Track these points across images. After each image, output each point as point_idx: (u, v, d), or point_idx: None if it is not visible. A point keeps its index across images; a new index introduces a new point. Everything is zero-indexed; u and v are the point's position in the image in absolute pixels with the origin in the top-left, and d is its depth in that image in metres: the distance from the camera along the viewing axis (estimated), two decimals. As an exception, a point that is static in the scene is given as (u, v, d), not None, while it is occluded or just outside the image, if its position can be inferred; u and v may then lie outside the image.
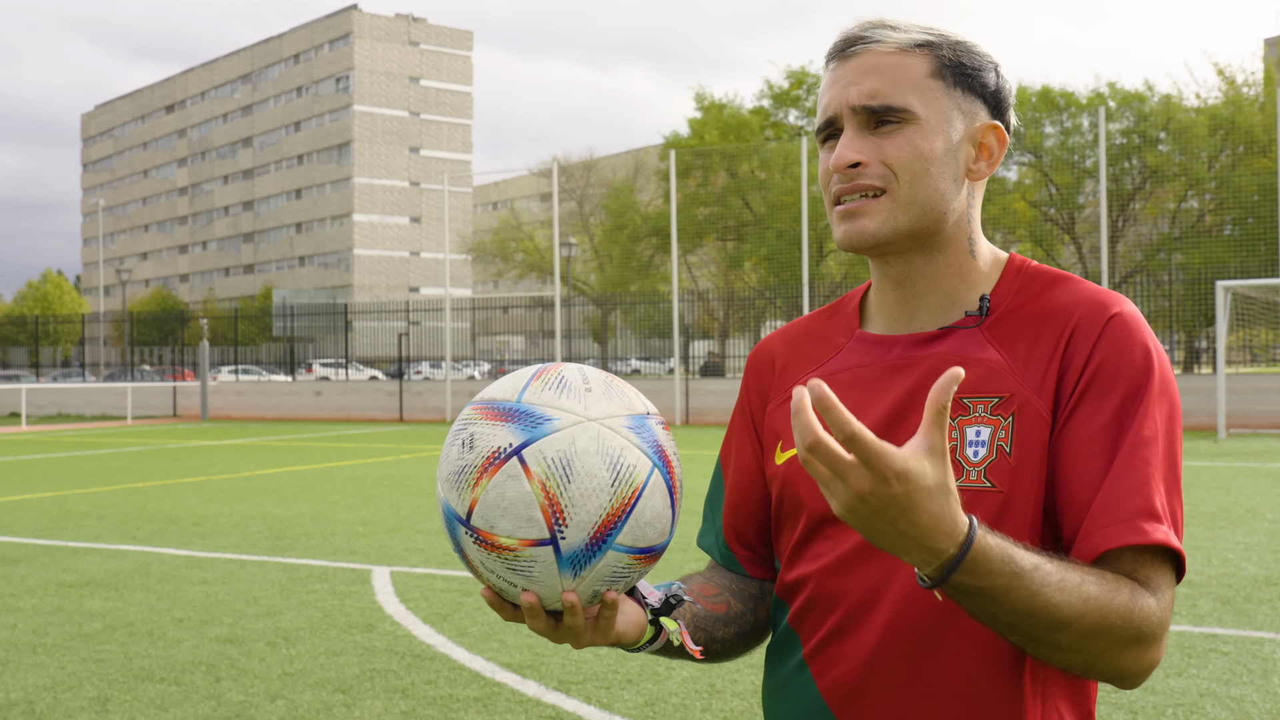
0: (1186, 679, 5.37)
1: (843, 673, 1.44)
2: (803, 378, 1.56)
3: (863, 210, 1.43)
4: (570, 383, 1.35)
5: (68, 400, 38.33)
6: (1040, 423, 1.38)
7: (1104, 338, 1.38)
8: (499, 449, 1.29)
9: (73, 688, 5.56)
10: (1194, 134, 30.96)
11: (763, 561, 1.64)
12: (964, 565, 1.19)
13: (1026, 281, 1.48)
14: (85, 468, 17.80)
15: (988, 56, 1.47)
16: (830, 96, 1.45)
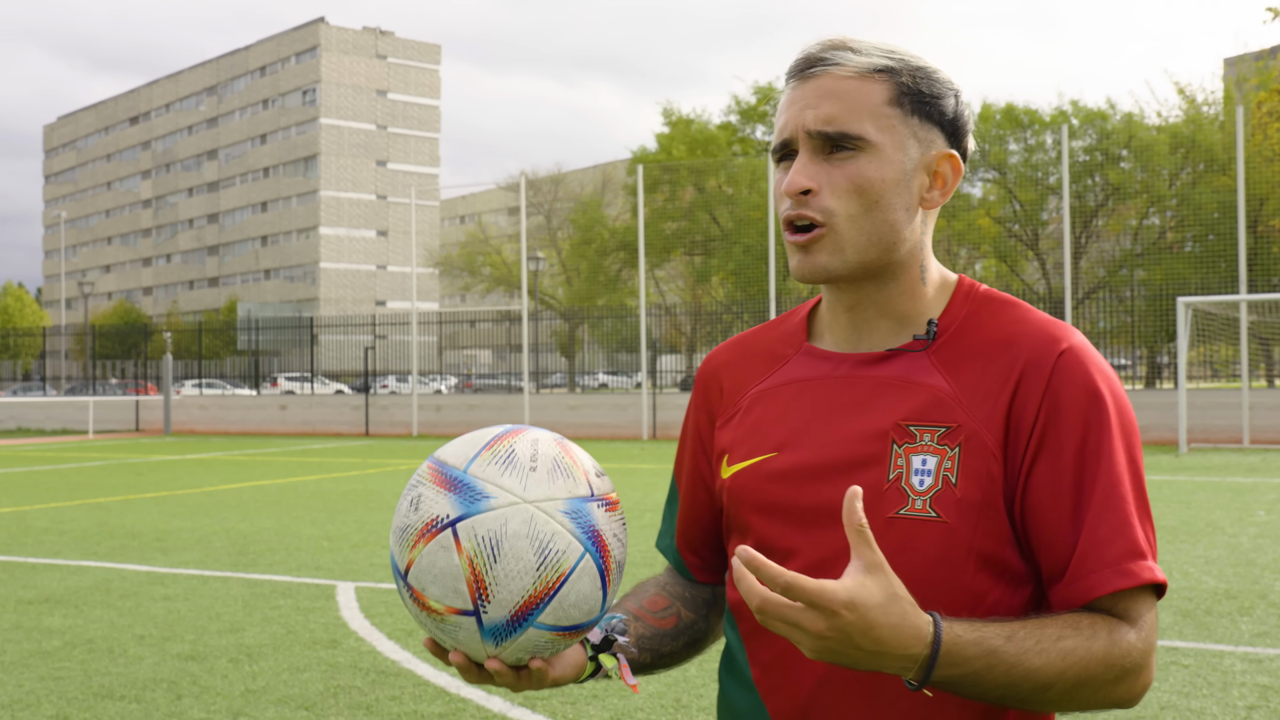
0: (1148, 692, 5.41)
1: (792, 693, 1.45)
2: (749, 390, 1.57)
3: (809, 245, 1.43)
4: (518, 459, 1.38)
5: (28, 414, 37.89)
6: (988, 456, 1.38)
7: (1056, 375, 1.38)
8: (437, 518, 1.35)
9: (31, 706, 5.49)
10: (1155, 152, 31.34)
11: (712, 569, 1.66)
12: (940, 661, 1.22)
13: (975, 306, 1.48)
14: (45, 482, 17.59)
15: (948, 83, 1.46)
16: (787, 117, 1.45)
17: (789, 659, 1.43)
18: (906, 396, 1.43)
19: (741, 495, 1.51)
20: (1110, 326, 32.20)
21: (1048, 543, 1.36)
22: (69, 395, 42.92)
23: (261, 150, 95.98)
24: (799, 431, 1.48)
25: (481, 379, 47.71)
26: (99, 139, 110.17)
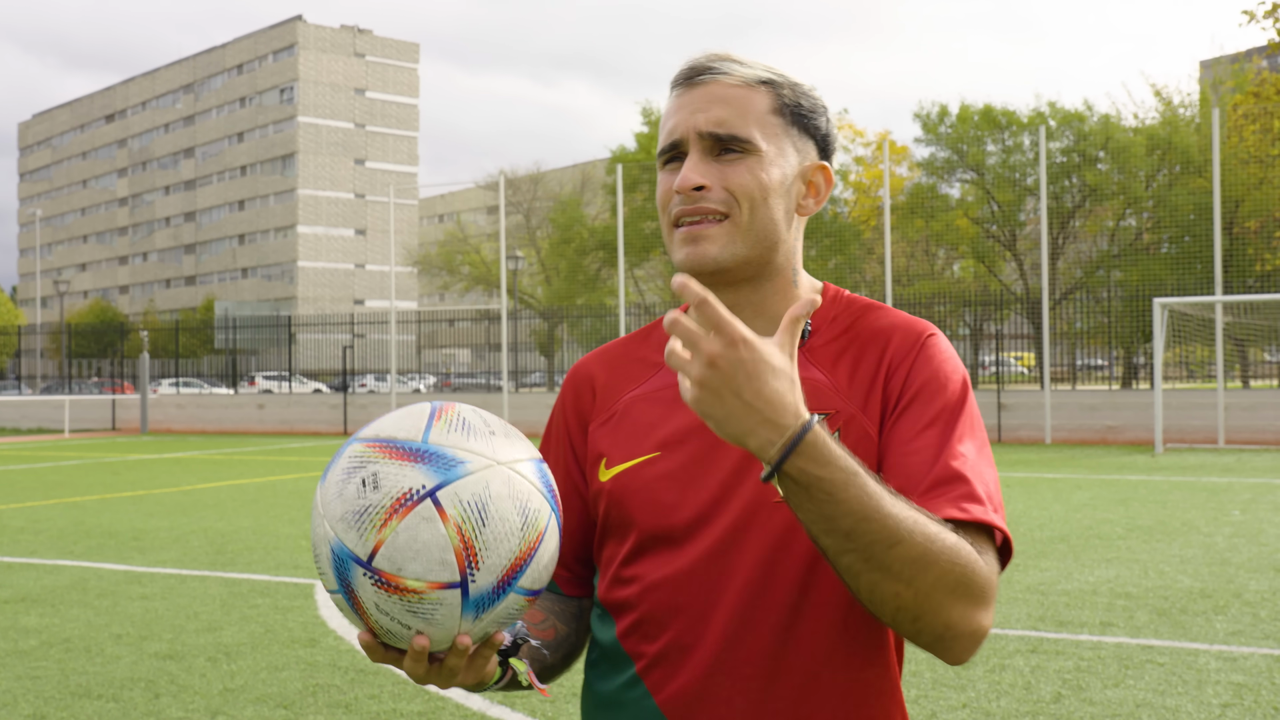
0: (1123, 690, 5.46)
1: (682, 685, 1.47)
2: (623, 396, 1.61)
3: (705, 234, 1.48)
4: (474, 425, 1.35)
5: (3, 413, 37.61)
6: (867, 438, 1.46)
7: (920, 359, 1.48)
8: (410, 490, 1.28)
9: (7, 705, 5.46)
10: (1132, 153, 31.54)
11: (580, 581, 1.67)
12: (803, 447, 1.20)
13: (843, 309, 1.58)
14: (21, 481, 17.47)
15: (821, 101, 1.55)
16: (676, 120, 1.51)
17: (675, 652, 1.48)
18: None
19: (624, 496, 1.54)
20: (1087, 327, 32.39)
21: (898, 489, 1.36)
22: (45, 394, 42.62)
23: (239, 148, 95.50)
24: (681, 432, 1.52)
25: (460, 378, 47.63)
26: (75, 136, 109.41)
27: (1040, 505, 12.59)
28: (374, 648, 1.34)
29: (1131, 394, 25.32)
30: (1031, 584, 7.99)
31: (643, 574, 1.52)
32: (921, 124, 36.35)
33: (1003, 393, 25.36)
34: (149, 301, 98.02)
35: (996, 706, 5.23)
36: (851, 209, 39.30)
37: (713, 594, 1.47)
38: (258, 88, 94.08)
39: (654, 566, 1.51)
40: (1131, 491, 13.97)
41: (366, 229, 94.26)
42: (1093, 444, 23.22)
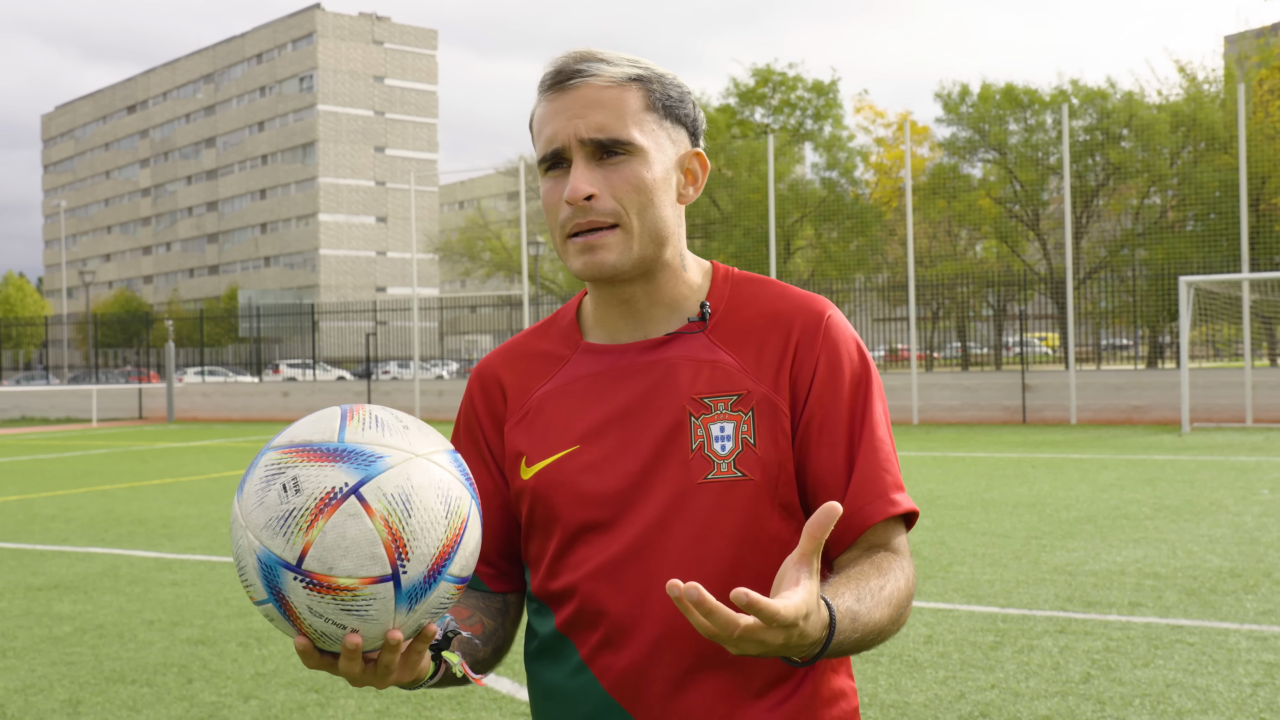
0: (1153, 670, 5.45)
1: (626, 667, 1.52)
2: (534, 392, 1.63)
3: (600, 243, 1.51)
4: (386, 422, 1.36)
5: (31, 403, 37.93)
6: (779, 415, 1.52)
7: (824, 340, 1.55)
8: (334, 489, 1.29)
9: (44, 690, 5.53)
10: (1156, 131, 31.26)
11: (505, 576, 1.68)
12: (833, 641, 1.33)
13: (735, 287, 1.62)
14: (51, 470, 17.63)
15: (686, 88, 1.58)
16: (555, 128, 1.52)
17: (617, 636, 1.52)
18: (695, 372, 1.55)
19: (549, 491, 1.56)
20: (1112, 306, 32.18)
21: (826, 486, 1.52)
22: (72, 384, 42.95)
23: (259, 137, 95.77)
24: (598, 422, 1.56)
25: (483, 364, 47.59)
26: (97, 128, 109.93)
27: (1066, 486, 12.55)
28: (309, 653, 1.33)
29: (1157, 373, 25.16)
30: (1059, 565, 7.97)
31: (577, 564, 1.55)
32: (943, 104, 36.13)
33: (1027, 373, 25.25)
34: (173, 291, 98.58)
35: (1025, 687, 5.22)
36: (873, 190, 39.14)
37: (647, 575, 1.50)
38: (277, 76, 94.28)
39: (588, 556, 1.54)
40: (1158, 471, 13.91)
41: (387, 216, 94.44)
42: (1118, 424, 23.10)
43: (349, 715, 5.07)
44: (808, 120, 40.73)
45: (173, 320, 41.93)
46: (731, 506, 1.49)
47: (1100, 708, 4.92)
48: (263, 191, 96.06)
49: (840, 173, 38.51)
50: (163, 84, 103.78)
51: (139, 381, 39.67)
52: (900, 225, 34.95)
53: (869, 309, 34.31)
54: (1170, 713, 4.84)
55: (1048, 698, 5.07)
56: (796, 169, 41.19)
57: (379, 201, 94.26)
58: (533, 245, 38.32)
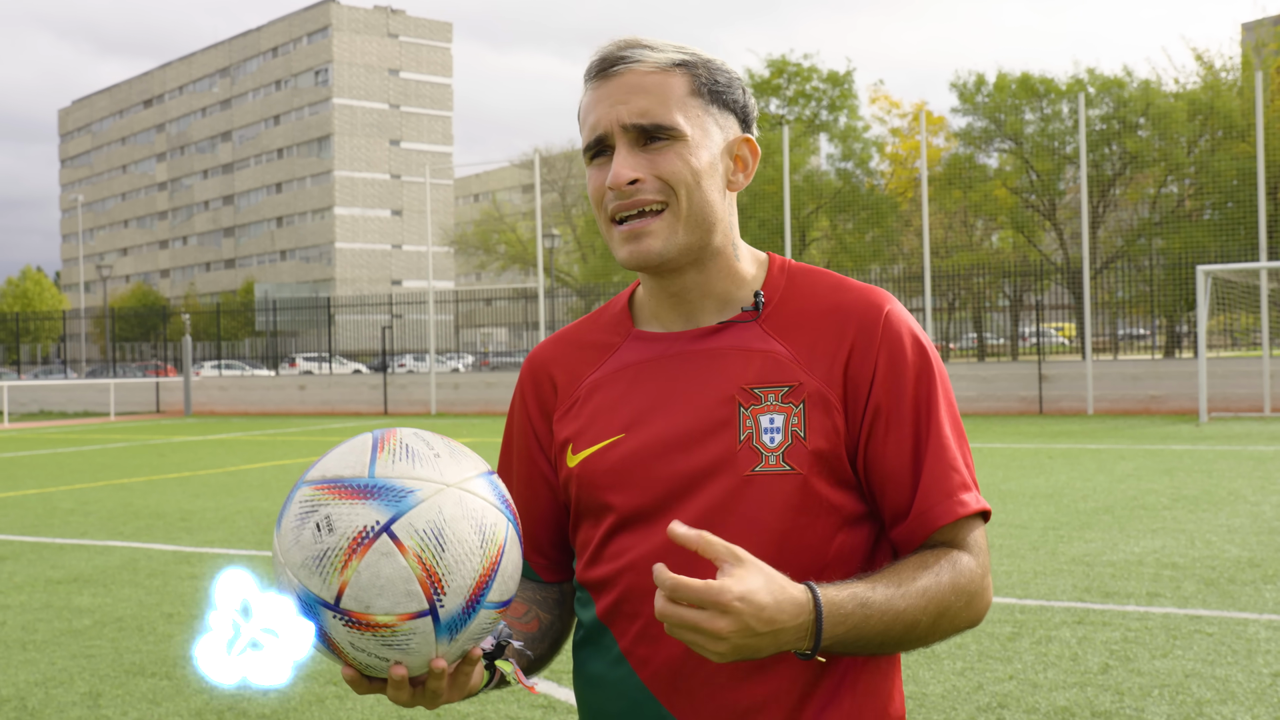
0: (1172, 660, 5.43)
1: (665, 661, 1.50)
2: (584, 380, 1.62)
3: (646, 230, 1.49)
4: (417, 451, 1.35)
5: (50, 397, 38.13)
6: (831, 410, 1.49)
7: (885, 336, 1.50)
8: (365, 528, 1.29)
9: (64, 683, 5.57)
10: (1173, 119, 31.08)
11: (558, 566, 1.68)
12: (825, 622, 1.33)
13: (792, 278, 1.59)
14: (70, 464, 17.73)
15: (735, 74, 1.56)
16: (598, 115, 1.51)
17: (656, 630, 1.49)
18: (746, 362, 1.52)
19: (593, 479, 1.55)
20: (1129, 296, 32.04)
21: (893, 486, 1.49)
22: (90, 378, 43.16)
23: (275, 131, 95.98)
24: (644, 411, 1.54)
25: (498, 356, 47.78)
26: (113, 122, 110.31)
27: (1084, 476, 12.50)
28: (357, 681, 1.35)
29: (1175, 363, 25.05)
30: (1077, 555, 7.94)
31: (619, 553, 1.53)
32: (958, 94, 35.99)
33: (1044, 364, 25.16)
34: (189, 285, 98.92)
35: (1043, 678, 5.21)
36: (888, 181, 39.02)
37: (688, 568, 1.45)
38: (293, 70, 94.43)
39: (629, 545, 1.52)
40: (1176, 461, 13.85)
41: (403, 209, 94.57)
42: (1136, 414, 23.01)
43: (368, 708, 5.09)
44: (823, 111, 40.61)
45: (189, 314, 42.10)
46: (778, 500, 1.47)
47: (1119, 698, 4.91)
48: (278, 185, 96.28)
49: (855, 163, 38.41)
50: (179, 78, 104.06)
51: (156, 375, 39.84)
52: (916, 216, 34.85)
53: (885, 300, 34.18)
54: (1189, 703, 4.82)
55: (1066, 688, 5.06)
56: (811, 160, 41.07)
57: (394, 195, 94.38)
58: (548, 238, 38.32)
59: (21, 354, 50.38)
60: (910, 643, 1.43)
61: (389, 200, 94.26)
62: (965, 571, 1.45)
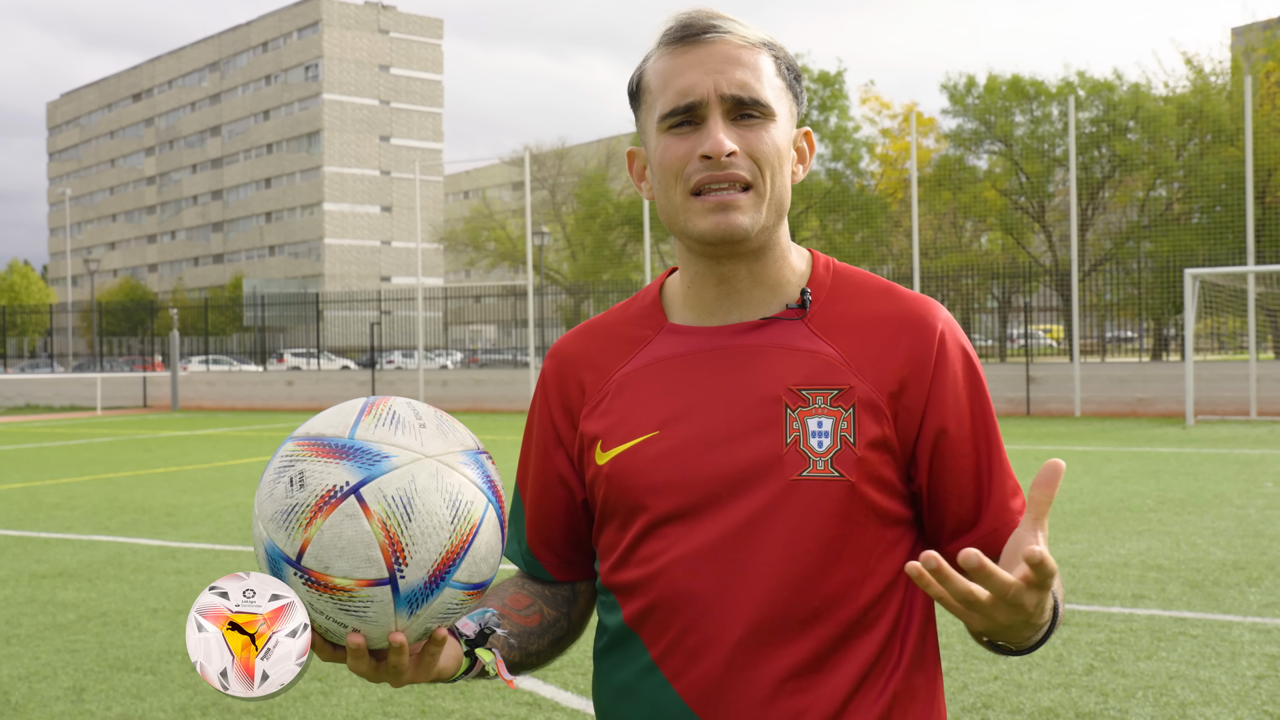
0: (1156, 662, 5.45)
1: (704, 672, 1.43)
2: (612, 375, 1.54)
3: (736, 204, 1.42)
4: (403, 418, 1.32)
5: (36, 391, 37.99)
6: (882, 417, 1.44)
7: (940, 354, 1.47)
8: (334, 487, 1.27)
9: (47, 678, 5.54)
10: (1162, 123, 31.17)
11: (571, 566, 1.62)
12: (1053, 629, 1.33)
13: (838, 277, 1.53)
14: (55, 459, 17.67)
15: (798, 67, 1.53)
16: (691, 80, 1.43)
17: (693, 637, 1.43)
18: (793, 362, 1.46)
19: (626, 478, 1.48)
20: (1117, 299, 32.13)
21: (955, 502, 1.47)
22: (77, 372, 43.01)
23: (265, 126, 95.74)
24: (681, 408, 1.47)
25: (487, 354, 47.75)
26: (102, 116, 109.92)
27: (1070, 478, 12.54)
28: (321, 646, 1.32)
29: (1162, 366, 25.13)
30: (1062, 557, 7.96)
31: (651, 556, 1.46)
32: (948, 95, 36.05)
33: (1031, 365, 25.22)
34: (178, 279, 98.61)
35: (1028, 679, 5.22)
36: (878, 182, 39.07)
37: (730, 575, 1.42)
38: (283, 65, 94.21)
39: (663, 548, 1.45)
40: (1163, 464, 13.89)
41: (392, 206, 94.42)
42: (1123, 416, 23.08)
43: (353, 704, 5.08)
44: (813, 111, 40.65)
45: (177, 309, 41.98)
46: (825, 507, 1.41)
47: (1103, 699, 4.92)
48: (268, 180, 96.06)
49: (846, 164, 38.45)
50: (168, 72, 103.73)
51: (144, 370, 39.71)
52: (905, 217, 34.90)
53: (873, 300, 34.25)
54: (1173, 705, 4.84)
55: (1050, 689, 5.07)
56: (802, 160, 41.10)
57: (384, 191, 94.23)
58: (538, 235, 38.29)
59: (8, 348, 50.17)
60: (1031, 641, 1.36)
61: (378, 196, 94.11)
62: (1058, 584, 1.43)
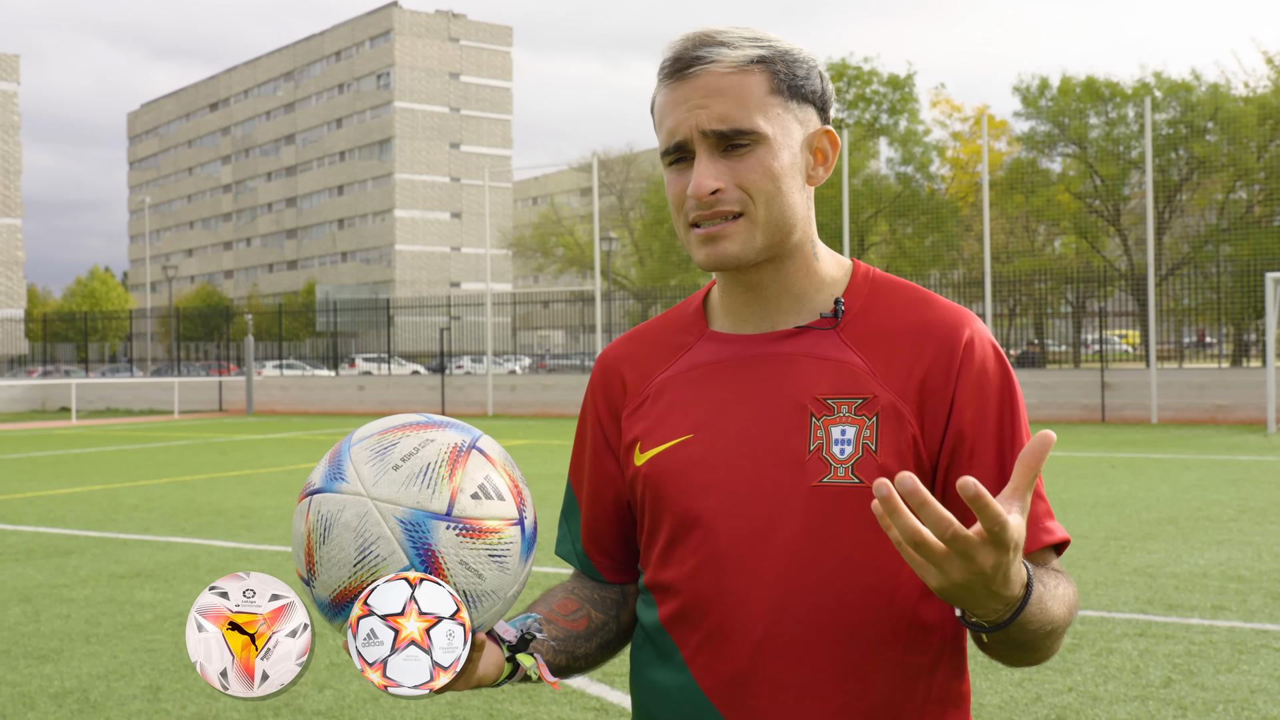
0: (1237, 675, 5.32)
1: (728, 672, 1.46)
2: (654, 379, 1.59)
3: (723, 234, 1.46)
4: (391, 454, 1.34)
5: (116, 395, 38.83)
6: (905, 425, 1.45)
7: (965, 356, 1.47)
8: (310, 483, 1.37)
9: (125, 676, 5.65)
10: (1242, 123, 30.53)
11: (622, 567, 1.65)
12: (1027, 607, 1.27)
13: (876, 288, 1.54)
14: (134, 461, 18.04)
15: (812, 62, 1.50)
16: (676, 119, 1.46)
17: (718, 638, 1.46)
18: (821, 371, 1.48)
19: (660, 479, 1.52)
20: (1195, 304, 31.50)
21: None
22: (155, 376, 43.90)
23: (337, 134, 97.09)
24: (714, 412, 1.51)
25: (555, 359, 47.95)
26: (180, 125, 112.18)
27: (1147, 486, 12.30)
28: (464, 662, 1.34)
29: (1242, 372, 24.57)
30: (1139, 566, 7.81)
31: (683, 558, 1.50)
32: (1021, 97, 35.60)
33: (1107, 371, 24.80)
34: (252, 285, 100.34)
35: (1104, 690, 5.12)
36: (949, 185, 38.68)
37: (750, 576, 1.45)
38: (355, 74, 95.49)
39: (693, 550, 1.49)
40: (1243, 472, 13.58)
41: (462, 212, 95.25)
42: (1201, 424, 22.60)
43: (420, 707, 5.11)
44: (883, 115, 40.36)
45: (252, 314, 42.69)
46: (844, 513, 1.43)
47: (1181, 713, 4.81)
48: (340, 188, 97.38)
49: (916, 167, 38.12)
50: (244, 82, 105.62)
51: (219, 374, 40.43)
52: (977, 221, 34.50)
53: (944, 305, 33.92)
54: (1255, 719, 4.72)
55: (1127, 702, 4.97)
56: (871, 164, 40.85)
57: (454, 197, 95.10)
58: (605, 241, 38.41)
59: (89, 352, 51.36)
60: (1037, 650, 1.36)
61: (448, 203, 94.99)
62: (1074, 591, 1.44)
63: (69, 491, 13.68)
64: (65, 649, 6.18)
